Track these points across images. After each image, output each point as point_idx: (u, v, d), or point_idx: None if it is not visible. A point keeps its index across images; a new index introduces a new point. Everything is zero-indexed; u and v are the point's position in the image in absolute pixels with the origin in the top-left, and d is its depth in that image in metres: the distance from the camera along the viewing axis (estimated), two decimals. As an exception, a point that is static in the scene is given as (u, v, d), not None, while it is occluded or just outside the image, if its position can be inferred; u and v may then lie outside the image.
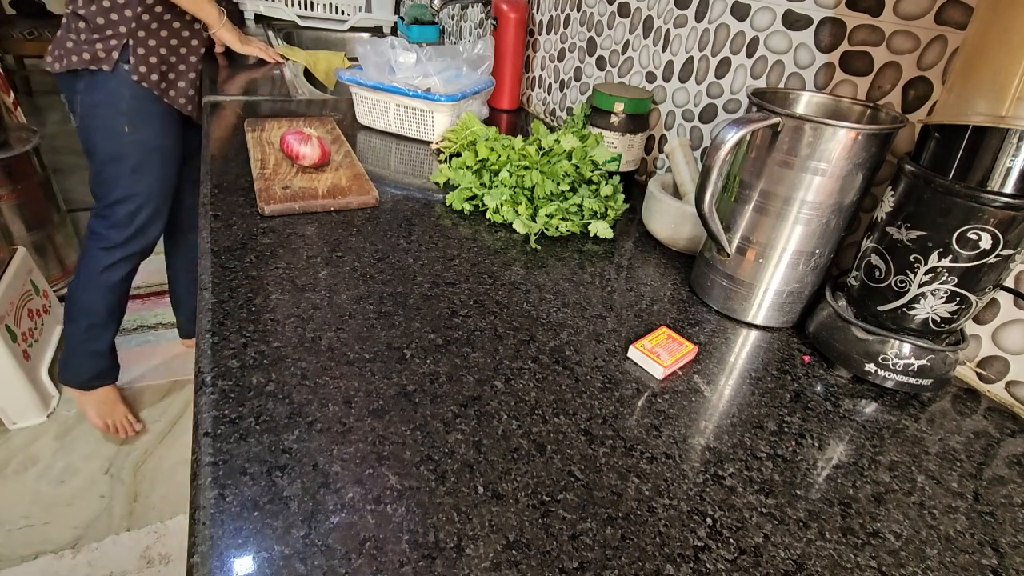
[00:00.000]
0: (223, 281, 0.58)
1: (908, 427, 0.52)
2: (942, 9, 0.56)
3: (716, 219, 0.59)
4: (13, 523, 1.29)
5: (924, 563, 0.40)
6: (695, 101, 0.87)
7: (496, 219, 0.78)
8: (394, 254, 0.67)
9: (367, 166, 0.91)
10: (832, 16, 0.65)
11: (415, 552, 0.36)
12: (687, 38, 0.86)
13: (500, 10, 1.20)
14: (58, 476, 1.41)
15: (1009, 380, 0.57)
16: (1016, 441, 0.52)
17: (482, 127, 0.93)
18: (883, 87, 0.62)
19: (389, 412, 0.46)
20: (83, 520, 1.32)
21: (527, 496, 0.40)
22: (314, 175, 0.82)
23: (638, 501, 0.41)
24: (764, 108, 0.54)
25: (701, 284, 0.66)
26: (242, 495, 0.37)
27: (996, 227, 0.46)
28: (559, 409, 0.48)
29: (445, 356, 0.52)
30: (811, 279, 0.60)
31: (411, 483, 0.40)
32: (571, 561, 0.36)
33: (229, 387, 0.46)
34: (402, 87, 1.00)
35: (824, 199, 0.54)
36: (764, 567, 0.38)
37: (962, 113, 0.45)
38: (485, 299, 0.61)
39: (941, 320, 0.51)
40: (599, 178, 0.84)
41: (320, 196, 0.76)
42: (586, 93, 1.13)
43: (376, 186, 0.82)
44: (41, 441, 1.49)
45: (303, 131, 0.83)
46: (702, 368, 0.56)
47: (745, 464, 0.46)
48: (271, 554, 0.34)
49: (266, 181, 0.78)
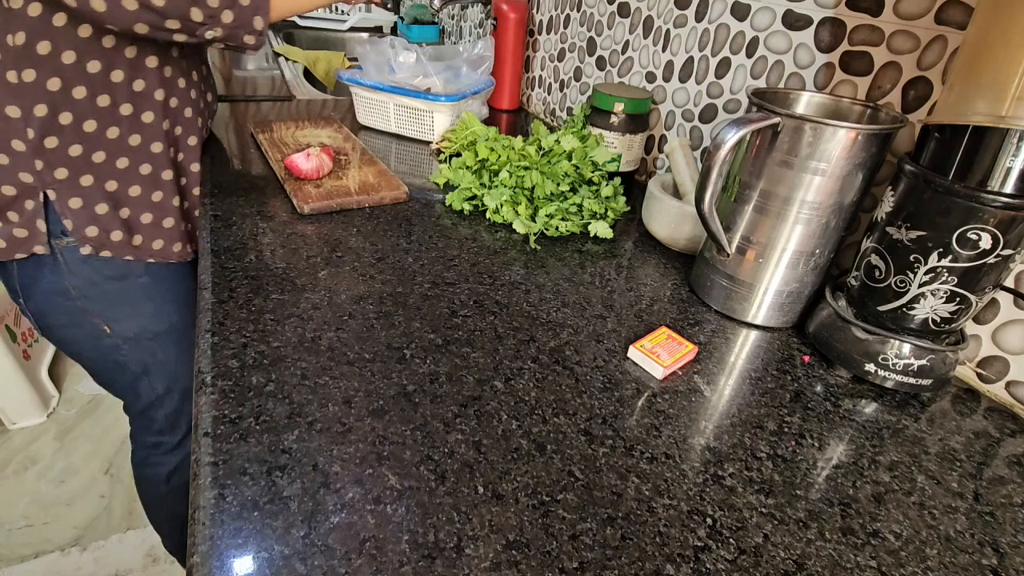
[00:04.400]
0: (223, 281, 0.58)
1: (908, 427, 0.52)
2: (942, 9, 0.56)
3: (716, 219, 0.59)
4: (13, 523, 1.29)
5: (924, 563, 0.40)
6: (695, 101, 0.87)
7: (496, 219, 0.78)
8: (394, 254, 0.67)
9: (367, 166, 0.91)
10: (832, 16, 0.65)
11: (415, 552, 0.36)
12: (687, 38, 0.86)
13: (500, 10, 1.20)
14: (58, 476, 1.41)
15: (1009, 380, 0.57)
16: (1016, 441, 0.52)
17: (482, 127, 0.93)
18: (883, 87, 0.62)
19: (389, 412, 0.46)
20: (83, 520, 1.32)
21: (527, 496, 0.40)
22: (339, 173, 0.83)
23: (638, 501, 0.41)
24: (764, 108, 0.54)
25: (701, 284, 0.66)
26: (242, 495, 0.37)
27: (996, 227, 0.46)
28: (559, 409, 0.48)
29: (445, 356, 0.52)
30: (811, 279, 0.60)
31: (411, 483, 0.40)
32: (571, 561, 0.36)
33: (229, 387, 0.46)
34: (402, 87, 1.00)
35: (824, 199, 0.54)
36: (764, 567, 0.38)
37: (962, 113, 0.45)
38: (485, 299, 0.61)
39: (941, 320, 0.51)
40: (599, 179, 0.84)
41: (354, 193, 0.77)
42: (586, 93, 1.13)
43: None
44: (41, 441, 1.49)
45: (308, 152, 0.81)
46: (702, 368, 0.56)
47: (745, 464, 0.46)
48: (271, 554, 0.34)
49: (297, 182, 0.79)
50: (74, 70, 0.64)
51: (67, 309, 0.76)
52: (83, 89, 0.65)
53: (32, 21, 0.60)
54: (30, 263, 0.72)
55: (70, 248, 0.72)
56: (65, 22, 0.62)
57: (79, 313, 0.76)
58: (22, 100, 0.62)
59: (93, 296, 0.76)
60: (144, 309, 0.80)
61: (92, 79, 0.65)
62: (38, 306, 0.76)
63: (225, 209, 0.72)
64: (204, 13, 0.63)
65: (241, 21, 0.67)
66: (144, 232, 0.76)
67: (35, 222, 0.68)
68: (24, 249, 0.70)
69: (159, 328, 0.82)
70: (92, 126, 0.67)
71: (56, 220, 0.70)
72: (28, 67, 0.61)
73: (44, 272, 0.73)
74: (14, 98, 0.62)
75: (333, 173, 0.83)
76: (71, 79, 0.64)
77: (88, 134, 0.67)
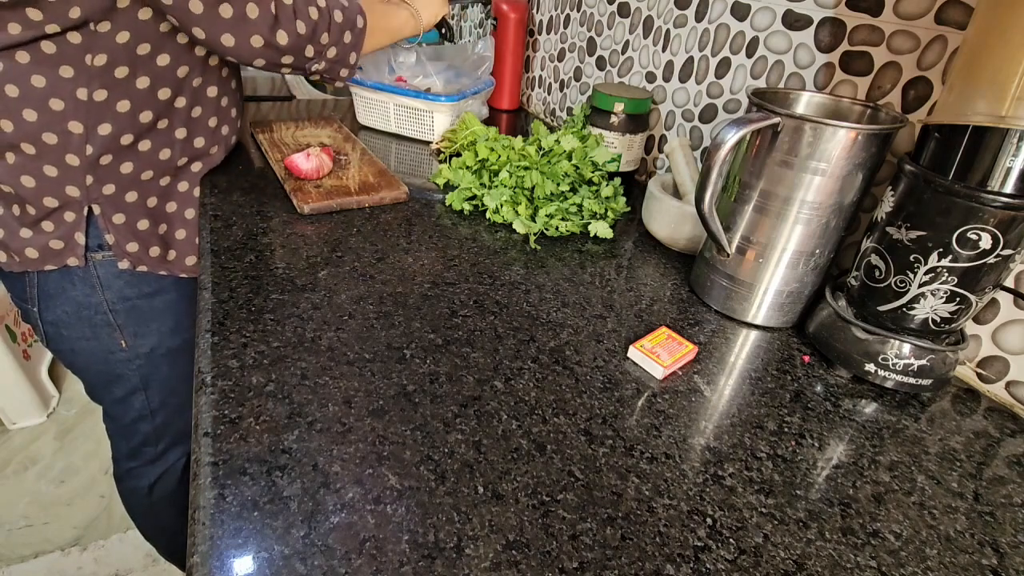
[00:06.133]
0: (223, 281, 0.58)
1: (908, 427, 0.52)
2: (942, 9, 0.56)
3: (716, 219, 0.59)
4: (13, 523, 1.29)
5: (924, 563, 0.40)
6: (695, 101, 0.87)
7: (496, 219, 0.78)
8: (394, 254, 0.67)
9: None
10: (832, 16, 0.65)
11: (415, 552, 0.36)
12: (687, 38, 0.86)
13: (500, 10, 1.20)
14: (58, 476, 1.41)
15: (1009, 380, 0.57)
16: (1016, 441, 0.52)
17: (482, 127, 0.93)
18: (883, 87, 0.62)
19: (389, 412, 0.46)
20: (83, 520, 1.32)
21: (527, 496, 0.40)
22: (339, 173, 0.83)
23: (638, 501, 0.41)
24: (764, 108, 0.54)
25: (701, 284, 0.66)
26: (242, 495, 0.37)
27: (996, 227, 0.46)
28: (559, 409, 0.48)
29: (445, 356, 0.52)
30: (811, 279, 0.60)
31: (411, 483, 0.40)
32: (571, 561, 0.36)
33: (229, 387, 0.46)
34: (402, 87, 1.00)
35: (824, 199, 0.54)
36: (764, 567, 0.38)
37: (962, 113, 0.45)
38: (485, 299, 0.61)
39: (941, 320, 0.51)
40: (599, 179, 0.84)
41: (354, 193, 0.77)
42: (586, 93, 1.13)
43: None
44: (41, 441, 1.50)
45: (308, 152, 0.81)
46: (702, 368, 0.56)
47: (745, 464, 0.46)
48: (271, 554, 0.34)
49: (296, 182, 0.79)
50: (145, 95, 0.66)
51: (92, 322, 0.75)
52: (149, 113, 0.67)
53: (117, 46, 0.61)
54: (56, 275, 0.71)
55: (106, 262, 0.72)
56: (148, 51, 0.63)
57: (102, 327, 0.76)
58: (88, 118, 0.63)
59: (122, 311, 0.76)
60: (166, 325, 0.80)
61: (159, 104, 0.68)
62: (57, 317, 0.74)
63: (225, 209, 0.72)
64: (315, 50, 0.70)
65: (341, 57, 0.74)
66: (178, 248, 0.78)
67: (74, 235, 0.68)
68: (57, 261, 0.69)
69: (173, 344, 0.82)
70: (147, 146, 0.69)
71: (97, 234, 0.70)
72: (100, 88, 0.62)
73: (73, 284, 0.72)
74: (81, 115, 0.62)
75: (333, 173, 0.83)
76: (141, 104, 0.66)
77: (142, 153, 0.69)
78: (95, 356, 0.79)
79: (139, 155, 0.69)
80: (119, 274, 0.73)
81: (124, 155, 0.67)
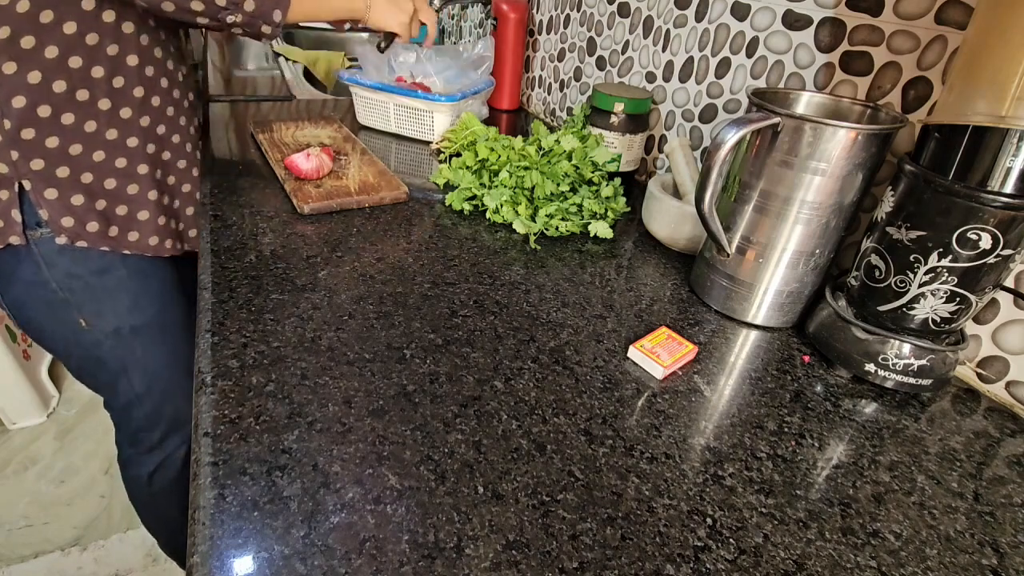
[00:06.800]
0: (223, 281, 0.58)
1: (908, 427, 0.52)
2: (942, 9, 0.56)
3: (716, 219, 0.59)
4: (13, 523, 1.29)
5: (924, 563, 0.40)
6: (695, 101, 0.87)
7: (496, 219, 0.78)
8: (394, 254, 0.67)
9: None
10: (832, 16, 0.65)
11: (415, 552, 0.36)
12: (687, 38, 0.86)
13: (500, 10, 1.20)
14: (58, 476, 1.41)
15: (1009, 380, 0.57)
16: (1016, 441, 0.52)
17: (482, 127, 0.93)
18: (883, 87, 0.62)
19: (389, 412, 0.46)
20: (83, 520, 1.32)
21: (527, 496, 0.40)
22: (339, 173, 0.83)
23: (638, 501, 0.41)
24: (764, 108, 0.54)
25: (701, 284, 0.66)
26: (242, 495, 0.37)
27: (996, 227, 0.46)
28: (559, 409, 0.48)
29: (445, 356, 0.52)
30: (811, 279, 0.60)
31: (411, 483, 0.40)
32: (571, 561, 0.36)
33: (229, 387, 0.46)
34: (402, 87, 1.00)
35: (824, 199, 0.54)
36: (764, 567, 0.38)
37: (962, 113, 0.45)
38: (485, 299, 0.61)
39: (941, 320, 0.51)
40: (599, 179, 0.84)
41: (354, 193, 0.77)
42: (586, 93, 1.13)
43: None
44: (41, 441, 1.50)
45: (308, 153, 0.82)
46: (702, 368, 0.56)
47: (745, 464, 0.46)
48: (271, 554, 0.34)
49: (296, 182, 0.79)
50: (56, 65, 0.65)
51: (46, 301, 0.75)
52: (63, 83, 0.66)
53: (18, 16, 0.61)
54: (6, 255, 0.71)
55: (45, 239, 0.72)
56: (52, 19, 0.63)
57: (58, 305, 0.76)
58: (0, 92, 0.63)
59: (75, 288, 0.76)
60: (121, 303, 0.79)
61: (73, 74, 0.66)
62: (15, 298, 0.76)
63: (225, 209, 0.72)
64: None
65: (261, 11, 0.71)
66: (119, 224, 0.77)
67: (10, 212, 0.69)
68: (0, 240, 0.70)
69: (136, 322, 0.81)
70: (70, 119, 0.68)
71: (32, 211, 0.70)
72: (9, 60, 0.62)
73: (21, 263, 0.73)
74: None
75: (333, 173, 0.83)
76: (52, 73, 0.65)
77: (66, 127, 0.68)
78: (64, 338, 0.80)
79: (63, 128, 0.68)
80: (60, 251, 0.73)
81: (47, 128, 0.67)
